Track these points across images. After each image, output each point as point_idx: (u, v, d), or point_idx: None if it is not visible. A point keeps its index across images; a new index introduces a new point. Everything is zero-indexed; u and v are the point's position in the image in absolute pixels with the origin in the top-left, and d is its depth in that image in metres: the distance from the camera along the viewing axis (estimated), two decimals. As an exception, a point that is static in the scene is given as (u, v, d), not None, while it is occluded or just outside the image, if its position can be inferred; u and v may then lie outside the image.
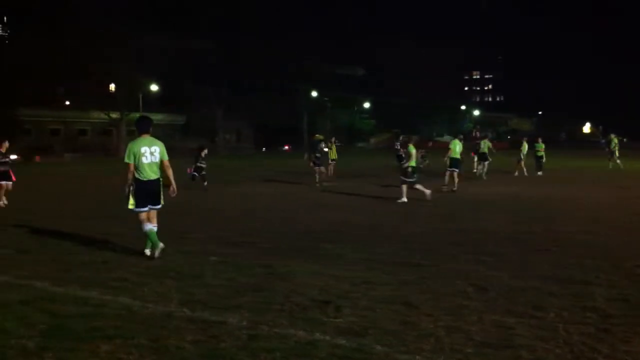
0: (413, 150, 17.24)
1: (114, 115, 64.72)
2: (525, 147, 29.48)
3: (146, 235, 9.19)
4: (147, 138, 9.25)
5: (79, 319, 6.19)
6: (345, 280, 7.76)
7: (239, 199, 18.56)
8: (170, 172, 9.50)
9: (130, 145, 9.18)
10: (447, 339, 5.57)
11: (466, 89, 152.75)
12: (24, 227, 12.44)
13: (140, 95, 63.42)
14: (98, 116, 67.59)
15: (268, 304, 6.68)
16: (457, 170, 20.45)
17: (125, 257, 9.31)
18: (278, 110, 74.48)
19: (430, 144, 41.65)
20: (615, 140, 34.89)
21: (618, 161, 33.49)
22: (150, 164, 9.12)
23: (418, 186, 17.05)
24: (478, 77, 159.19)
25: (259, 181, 24.82)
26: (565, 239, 10.74)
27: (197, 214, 14.85)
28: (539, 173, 28.24)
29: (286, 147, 77.33)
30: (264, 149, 77.90)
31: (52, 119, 68.37)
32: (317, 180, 23.57)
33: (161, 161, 9.27)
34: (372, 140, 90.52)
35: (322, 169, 24.10)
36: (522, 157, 28.95)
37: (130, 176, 9.15)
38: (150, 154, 9.11)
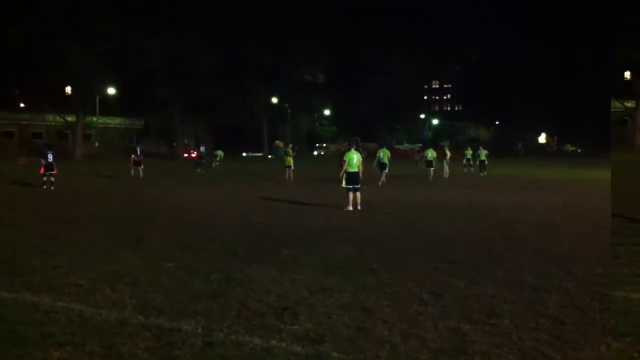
0: (352, 156, 16.74)
1: (70, 118, 63.57)
2: (469, 152, 36.18)
3: None
4: None
5: (30, 325, 6.05)
6: (302, 286, 7.74)
7: (196, 202, 18.36)
8: None
9: None
10: (403, 345, 5.60)
11: (425, 98, 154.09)
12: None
13: (97, 98, 62.39)
14: (54, 119, 66.41)
15: (224, 311, 6.62)
16: (384, 171, 26.01)
17: (77, 262, 9.12)
18: (238, 114, 74.24)
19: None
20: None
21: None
22: None
23: (350, 195, 16.48)
24: (437, 86, 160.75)
25: (218, 184, 24.62)
26: (518, 245, 10.91)
27: (153, 217, 14.64)
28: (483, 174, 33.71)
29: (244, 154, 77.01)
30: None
31: (6, 121, 67.04)
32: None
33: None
34: (331, 147, 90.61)
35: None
36: (466, 161, 36.18)
37: None
38: None
